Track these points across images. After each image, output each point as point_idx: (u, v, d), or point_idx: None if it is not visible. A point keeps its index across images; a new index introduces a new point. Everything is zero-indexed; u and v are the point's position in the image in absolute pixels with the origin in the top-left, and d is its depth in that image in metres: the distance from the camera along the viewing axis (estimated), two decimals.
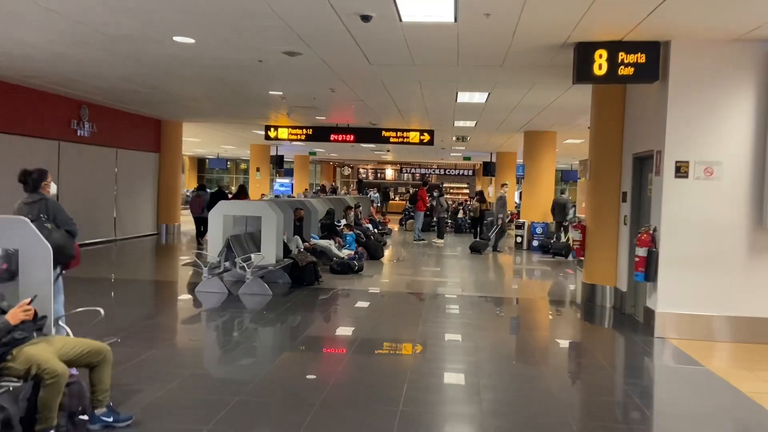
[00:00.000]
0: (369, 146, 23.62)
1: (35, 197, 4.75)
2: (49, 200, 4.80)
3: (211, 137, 23.20)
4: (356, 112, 13.82)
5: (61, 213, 4.78)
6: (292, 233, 9.65)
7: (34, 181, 4.79)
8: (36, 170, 4.84)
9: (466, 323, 7.10)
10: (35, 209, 4.65)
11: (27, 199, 4.76)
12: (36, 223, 4.26)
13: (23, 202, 4.76)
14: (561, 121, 13.91)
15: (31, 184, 4.78)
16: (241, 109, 14.01)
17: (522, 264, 13.93)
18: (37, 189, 4.79)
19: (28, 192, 4.79)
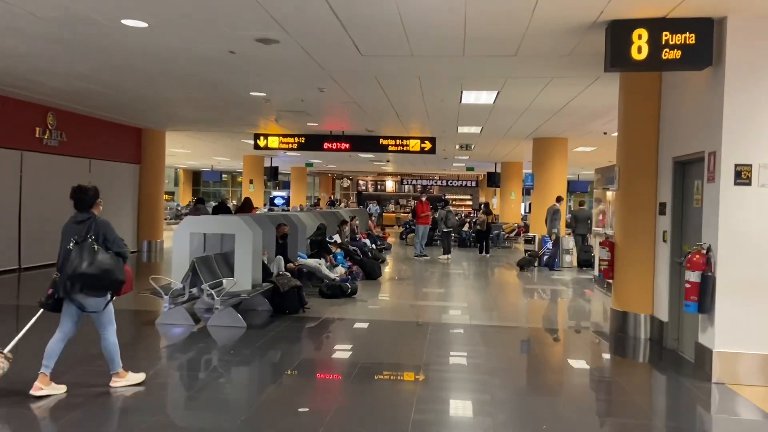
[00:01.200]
0: (367, 156, 22.44)
1: (85, 216, 4.46)
2: (98, 219, 4.50)
3: (202, 148, 22.06)
4: (351, 117, 12.63)
5: (111, 233, 4.48)
6: (274, 253, 8.40)
7: (91, 198, 4.52)
8: (92, 187, 4.56)
9: (477, 366, 5.82)
10: (83, 229, 4.39)
11: (78, 218, 4.47)
12: (83, 245, 4.23)
13: (74, 221, 4.47)
14: (574, 126, 12.70)
15: (87, 201, 4.50)
16: (225, 115, 12.83)
17: (534, 282, 12.65)
18: (91, 207, 4.52)
19: (80, 210, 4.49)
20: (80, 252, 4.24)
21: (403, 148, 15.22)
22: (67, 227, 4.46)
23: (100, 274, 4.23)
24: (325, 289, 9.15)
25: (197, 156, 26.67)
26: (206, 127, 15.15)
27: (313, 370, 5.67)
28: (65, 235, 4.42)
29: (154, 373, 5.19)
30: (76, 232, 4.36)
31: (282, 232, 8.68)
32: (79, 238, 4.28)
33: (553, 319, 8.75)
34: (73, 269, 4.20)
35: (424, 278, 12.54)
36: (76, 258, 4.22)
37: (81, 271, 4.18)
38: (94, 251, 4.24)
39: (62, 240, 4.44)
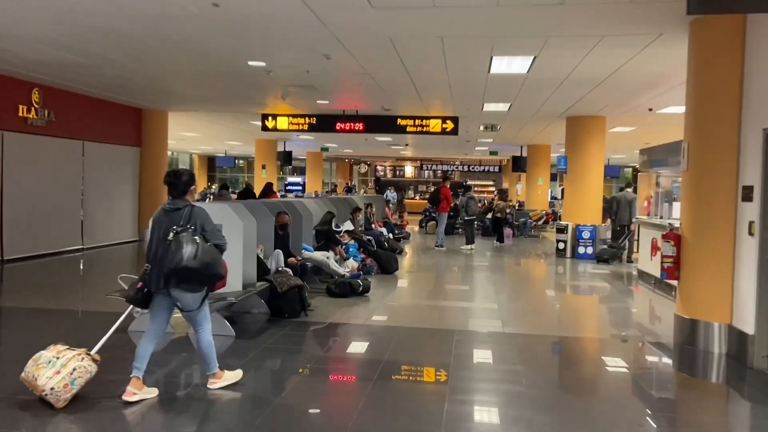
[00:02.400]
0: (384, 139, 21.17)
1: (180, 203, 4.11)
2: (195, 207, 4.12)
3: (212, 132, 20.99)
4: (365, 94, 11.37)
5: (209, 222, 4.13)
6: (272, 246, 7.23)
7: (185, 184, 4.15)
8: (186, 171, 4.25)
9: (518, 397, 4.59)
10: (178, 217, 4.04)
11: (170, 205, 4.12)
12: (183, 235, 3.90)
13: (165, 209, 4.13)
14: (615, 102, 11.29)
15: (181, 187, 4.14)
16: (227, 93, 11.67)
17: (569, 276, 11.33)
18: (185, 194, 4.16)
19: (174, 197, 4.14)
20: (181, 244, 3.88)
21: (423, 129, 13.90)
22: (158, 216, 4.13)
23: (202, 268, 3.89)
24: (333, 287, 7.97)
25: (209, 140, 25.66)
26: (211, 107, 14.01)
27: (308, 398, 4.49)
28: (157, 225, 4.10)
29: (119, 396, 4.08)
30: (171, 222, 4.00)
31: (281, 221, 7.49)
32: (179, 228, 3.93)
33: (601, 327, 7.44)
34: (175, 263, 3.85)
35: (446, 272, 11.30)
36: (177, 250, 3.86)
37: (183, 264, 3.84)
38: (196, 243, 3.90)
39: (153, 230, 4.12)
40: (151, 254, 4.09)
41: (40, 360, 3.93)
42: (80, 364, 3.95)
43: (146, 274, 4.06)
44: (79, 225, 12.49)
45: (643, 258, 10.77)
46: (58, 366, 3.88)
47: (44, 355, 3.97)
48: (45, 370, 3.86)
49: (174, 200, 4.12)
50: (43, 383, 3.83)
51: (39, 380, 3.84)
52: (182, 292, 3.99)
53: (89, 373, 4.00)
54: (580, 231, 13.35)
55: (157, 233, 4.07)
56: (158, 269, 3.98)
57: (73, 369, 3.91)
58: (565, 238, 13.56)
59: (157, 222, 4.12)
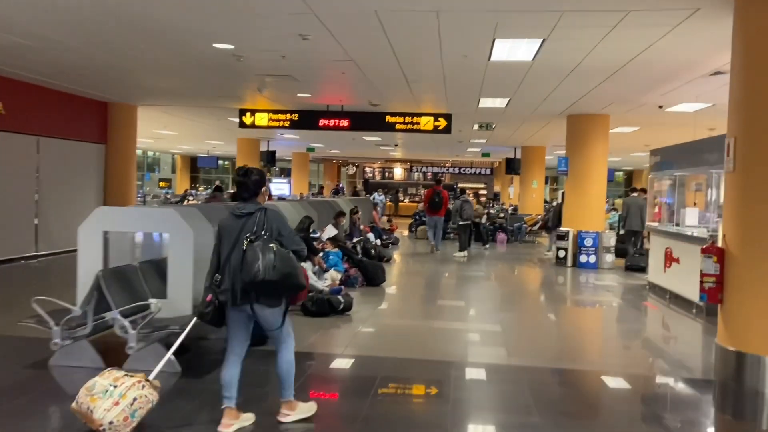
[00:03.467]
0: (373, 139, 20.11)
1: (251, 206, 3.63)
2: (269, 211, 3.65)
3: (190, 130, 19.81)
4: (350, 85, 10.30)
5: (286, 227, 3.67)
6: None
7: (255, 184, 3.68)
8: (256, 170, 3.73)
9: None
10: (251, 222, 3.56)
11: (240, 209, 3.62)
12: (260, 243, 3.46)
13: (235, 214, 3.63)
14: (624, 97, 10.31)
15: (252, 188, 3.67)
16: (198, 84, 10.54)
17: (573, 289, 10.31)
18: (256, 195, 3.69)
19: (244, 198, 3.67)
20: (257, 253, 3.44)
21: (414, 126, 12.90)
22: (227, 222, 3.68)
23: (282, 279, 3.46)
24: (309, 305, 6.88)
25: (188, 139, 24.46)
26: (183, 101, 12.86)
27: None
28: (225, 231, 3.65)
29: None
30: (243, 228, 3.57)
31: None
32: (253, 235, 3.51)
33: (624, 356, 6.38)
34: (252, 275, 3.42)
35: (439, 284, 10.23)
36: (254, 261, 3.43)
37: (261, 277, 3.40)
38: (273, 251, 3.47)
39: (222, 237, 3.66)
40: (215, 265, 3.67)
41: (95, 389, 3.48)
42: (141, 392, 3.54)
43: (215, 287, 3.62)
44: (33, 229, 11.29)
45: (655, 269, 9.78)
46: (116, 396, 3.46)
47: (99, 383, 3.51)
48: (102, 401, 3.43)
49: (244, 203, 3.67)
50: (100, 416, 3.41)
51: (96, 413, 3.41)
52: (262, 308, 3.57)
53: (151, 402, 3.61)
54: (582, 238, 12.35)
55: (226, 240, 3.61)
56: (232, 282, 3.54)
57: (133, 399, 3.49)
58: (566, 245, 12.56)
59: (225, 228, 3.65)
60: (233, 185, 5.00)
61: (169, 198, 24.92)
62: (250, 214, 3.60)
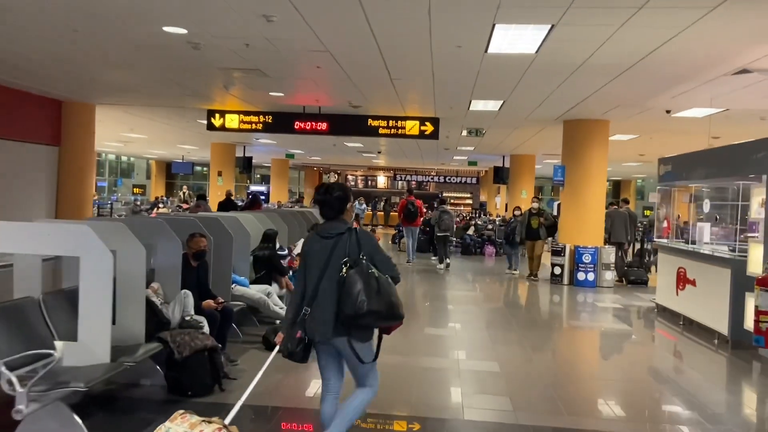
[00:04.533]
0: (354, 145, 19.06)
1: (340, 226, 3.21)
2: (360, 231, 3.24)
3: (160, 133, 18.56)
4: (327, 83, 9.24)
5: (379, 250, 3.25)
6: (179, 284, 4.97)
7: (339, 201, 3.24)
8: (338, 185, 3.31)
9: None
10: (342, 246, 3.13)
11: (330, 230, 3.21)
12: (360, 269, 3.05)
13: (322, 235, 3.22)
14: (631, 100, 9.39)
15: (336, 205, 3.24)
16: (157, 80, 9.40)
17: (574, 312, 9.29)
18: (342, 213, 3.25)
19: (329, 218, 3.27)
20: (359, 281, 2.99)
21: (398, 131, 11.89)
22: (312, 245, 3.23)
23: (387, 311, 3.03)
24: (272, 337, 5.75)
25: (160, 144, 23.18)
26: (142, 99, 11.68)
27: None
28: (313, 256, 3.19)
29: None
30: (333, 251, 3.12)
31: (196, 247, 5.22)
32: (350, 261, 3.05)
33: (654, 408, 5.34)
34: (357, 307, 2.96)
35: (423, 305, 9.15)
36: (360, 289, 2.97)
37: (367, 308, 2.96)
38: (376, 279, 3.03)
39: (307, 262, 3.20)
40: (307, 294, 3.20)
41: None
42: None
43: (305, 321, 3.18)
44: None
45: (664, 291, 8.84)
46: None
47: (173, 430, 3.02)
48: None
49: (330, 223, 3.27)
50: None
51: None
52: (355, 341, 3.15)
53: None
54: (580, 254, 11.39)
55: (314, 266, 3.19)
56: (323, 314, 3.14)
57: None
58: (562, 261, 11.59)
59: (311, 252, 3.24)
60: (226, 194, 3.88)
61: (139, 205, 23.57)
62: (341, 234, 3.17)
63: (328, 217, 3.27)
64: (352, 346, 3.12)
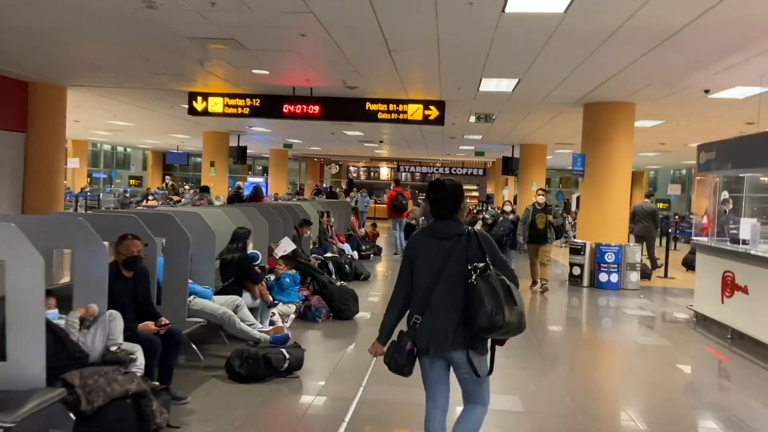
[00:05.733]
0: (354, 134, 17.85)
1: (457, 227, 2.92)
2: (478, 231, 2.97)
3: (147, 121, 17.44)
4: (316, 59, 8.06)
5: (498, 252, 2.93)
6: (105, 304, 3.80)
7: (453, 198, 2.92)
8: (450, 181, 2.98)
9: None
10: (460, 248, 2.85)
11: (445, 232, 2.92)
12: (488, 277, 2.76)
13: (435, 236, 2.93)
14: (664, 78, 8.18)
15: (450, 203, 2.92)
16: (125, 54, 8.23)
17: (599, 321, 8.09)
18: (456, 212, 2.94)
19: (441, 216, 2.95)
20: (495, 290, 2.70)
21: (400, 116, 10.74)
22: (427, 246, 2.91)
23: (517, 322, 2.74)
24: (237, 364, 4.60)
25: (150, 133, 22.06)
26: (114, 79, 10.49)
27: None
28: (423, 257, 2.89)
29: None
30: (450, 254, 2.83)
31: (127, 253, 4.03)
32: (480, 267, 2.76)
33: None
34: (493, 318, 2.66)
35: None
36: (496, 300, 2.68)
37: (507, 320, 2.68)
38: (509, 287, 2.75)
39: (415, 265, 2.91)
40: (415, 301, 2.88)
41: None
42: None
43: (414, 331, 2.86)
44: None
45: (705, 298, 7.65)
46: None
47: None
48: None
49: (443, 222, 2.92)
50: None
51: None
52: (476, 355, 2.82)
53: None
54: (602, 252, 10.19)
55: (425, 269, 2.86)
56: (440, 324, 2.81)
57: None
58: (582, 261, 10.38)
59: (424, 255, 2.88)
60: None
61: (128, 197, 22.46)
62: (459, 235, 2.89)
63: (441, 216, 2.94)
64: (470, 360, 2.83)
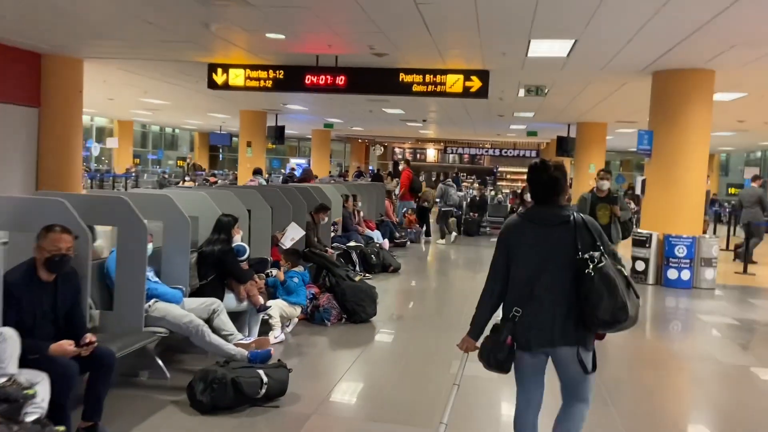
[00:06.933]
0: (395, 112, 16.69)
1: (562, 213, 2.72)
2: (586, 218, 2.72)
3: (179, 98, 16.79)
4: (337, 19, 6.96)
5: (605, 238, 2.72)
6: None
7: (556, 181, 2.72)
8: (553, 163, 2.77)
9: None
10: (568, 236, 2.66)
11: (548, 217, 2.72)
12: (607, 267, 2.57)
13: (535, 222, 2.73)
14: (753, 36, 6.66)
15: (552, 186, 2.72)
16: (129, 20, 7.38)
17: (675, 329, 6.73)
18: (561, 195, 2.75)
19: (542, 201, 2.75)
20: (617, 280, 2.55)
21: (437, 88, 9.53)
22: (527, 233, 2.72)
23: (636, 314, 2.60)
24: (200, 389, 3.61)
25: (187, 111, 21.52)
26: (127, 50, 9.71)
27: None
28: (528, 245, 2.70)
29: None
30: (557, 241, 2.66)
31: (53, 249, 3.01)
32: (596, 256, 2.57)
33: None
34: (617, 311, 2.53)
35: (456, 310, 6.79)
36: (621, 292, 2.54)
37: (630, 314, 2.55)
38: (625, 277, 2.61)
39: (519, 252, 2.71)
40: (515, 292, 2.70)
41: None
42: None
43: (514, 323, 2.66)
44: None
45: None
46: None
47: None
48: None
49: (544, 207, 2.73)
50: None
51: None
52: (584, 350, 2.67)
53: None
54: (672, 245, 8.76)
55: (529, 259, 2.68)
56: (546, 317, 2.63)
57: None
58: (647, 254, 8.97)
59: (523, 242, 2.70)
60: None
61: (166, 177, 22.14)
62: (566, 222, 2.66)
63: (542, 200, 2.75)
64: (579, 356, 2.65)
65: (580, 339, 2.66)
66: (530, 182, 2.78)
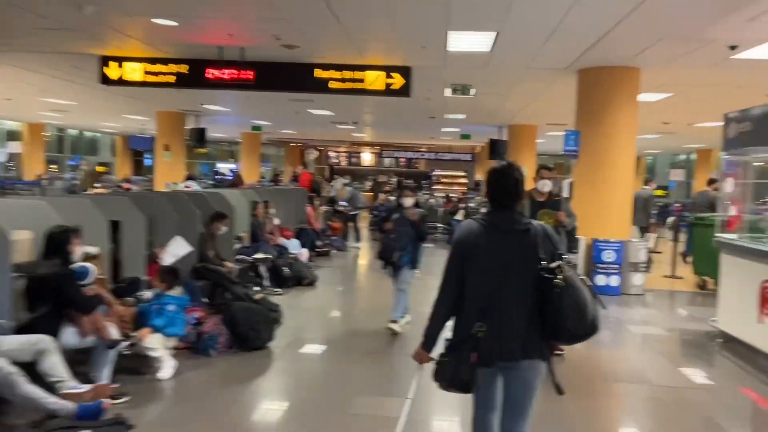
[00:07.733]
0: (322, 113, 15.89)
1: (523, 219, 2.63)
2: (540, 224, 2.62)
3: (89, 100, 15.37)
4: (236, 3, 6.15)
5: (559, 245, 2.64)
6: None
7: (518, 185, 2.61)
8: (513, 165, 2.67)
9: None
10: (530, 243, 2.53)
11: (509, 223, 2.58)
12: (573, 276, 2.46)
13: (500, 229, 2.58)
14: (680, 30, 6.34)
15: (514, 190, 2.61)
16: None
17: (604, 338, 6.26)
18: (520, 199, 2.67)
19: (504, 204, 2.60)
20: (582, 291, 2.44)
21: (356, 85, 8.85)
22: (487, 240, 2.54)
23: (599, 324, 2.48)
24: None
25: (96, 113, 19.88)
26: (20, 42, 8.51)
27: None
28: (488, 253, 2.52)
29: None
30: (518, 249, 2.52)
31: None
32: (563, 266, 2.45)
33: None
34: (591, 323, 2.44)
35: (372, 332, 6.04)
36: (587, 303, 2.43)
37: (597, 323, 2.47)
38: (589, 286, 2.51)
39: (477, 260, 2.52)
40: (473, 303, 2.50)
41: None
42: None
43: (479, 338, 2.46)
44: None
45: (735, 314, 5.88)
46: None
47: None
48: None
49: (505, 213, 2.57)
50: None
51: None
52: (540, 362, 2.53)
53: None
54: (600, 250, 8.40)
55: (490, 267, 2.51)
56: (512, 330, 2.48)
57: None
58: (575, 260, 8.55)
59: (483, 249, 2.52)
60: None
61: (76, 184, 20.52)
62: (526, 230, 2.54)
63: (503, 204, 2.58)
64: (544, 369, 2.53)
65: (544, 353, 2.52)
66: (493, 185, 2.61)
